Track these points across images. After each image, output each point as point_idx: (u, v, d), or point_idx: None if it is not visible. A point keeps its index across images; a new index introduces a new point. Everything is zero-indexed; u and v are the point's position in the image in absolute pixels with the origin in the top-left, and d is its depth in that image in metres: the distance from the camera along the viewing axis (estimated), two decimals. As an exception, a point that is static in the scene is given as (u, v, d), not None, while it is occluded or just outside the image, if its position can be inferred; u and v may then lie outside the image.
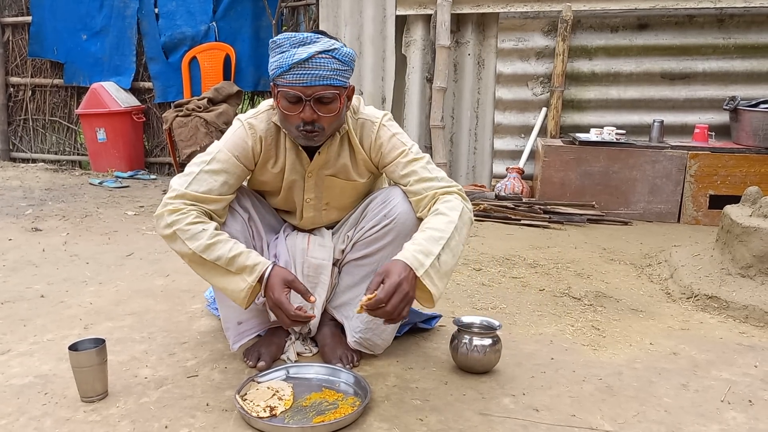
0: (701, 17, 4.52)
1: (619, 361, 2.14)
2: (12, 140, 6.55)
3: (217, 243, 1.79)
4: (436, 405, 1.81)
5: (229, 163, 1.89)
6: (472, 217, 1.89)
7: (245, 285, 1.79)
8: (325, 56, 1.71)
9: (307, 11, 5.80)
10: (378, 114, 1.97)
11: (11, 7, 6.28)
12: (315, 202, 2.04)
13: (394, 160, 1.93)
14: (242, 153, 1.91)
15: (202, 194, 1.84)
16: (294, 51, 1.71)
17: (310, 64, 1.70)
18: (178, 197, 1.83)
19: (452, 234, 1.77)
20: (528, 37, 4.79)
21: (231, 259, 1.78)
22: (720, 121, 4.53)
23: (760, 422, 1.76)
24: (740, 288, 2.62)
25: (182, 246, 1.79)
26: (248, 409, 1.70)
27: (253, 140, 1.91)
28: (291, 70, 1.71)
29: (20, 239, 3.63)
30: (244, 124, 1.92)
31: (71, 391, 1.84)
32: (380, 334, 2.05)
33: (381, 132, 1.94)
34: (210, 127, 5.33)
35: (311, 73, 1.71)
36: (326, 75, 1.72)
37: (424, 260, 1.69)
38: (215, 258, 1.78)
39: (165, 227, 1.81)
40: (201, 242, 1.78)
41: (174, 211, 1.81)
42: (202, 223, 1.81)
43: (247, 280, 1.79)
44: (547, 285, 2.91)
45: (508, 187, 4.59)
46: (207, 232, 1.79)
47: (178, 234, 1.78)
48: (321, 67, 1.71)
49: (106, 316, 2.48)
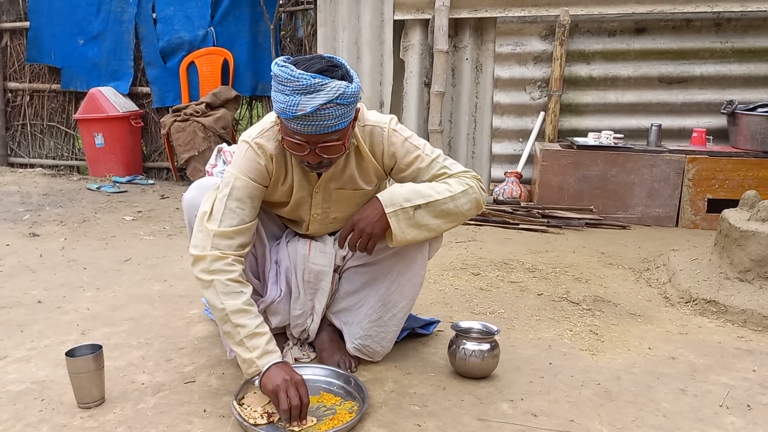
0: (698, 21, 4.53)
1: (618, 365, 2.13)
2: (10, 145, 6.55)
3: (248, 313, 1.78)
4: (434, 410, 1.81)
5: (249, 188, 1.84)
6: (479, 199, 1.89)
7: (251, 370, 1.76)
8: (330, 106, 1.62)
9: (305, 16, 5.81)
10: (385, 119, 1.92)
11: (9, 12, 6.28)
12: (322, 216, 2.01)
13: (412, 165, 1.90)
14: (258, 175, 1.85)
15: (237, 227, 1.81)
16: (297, 100, 1.61)
17: (315, 116, 1.62)
18: (218, 236, 1.79)
19: (444, 200, 1.82)
20: (526, 42, 4.80)
21: (251, 335, 1.76)
22: (718, 125, 4.54)
23: (758, 427, 1.75)
24: (738, 292, 2.62)
25: (215, 298, 1.77)
26: (245, 415, 1.70)
27: (265, 159, 1.85)
28: (294, 119, 1.64)
29: (18, 244, 3.62)
30: (252, 144, 1.85)
31: (68, 397, 1.84)
32: (380, 341, 2.05)
33: (393, 138, 1.89)
34: (208, 131, 5.34)
35: (315, 125, 1.64)
36: (330, 124, 1.65)
37: (401, 202, 1.79)
38: (240, 324, 1.76)
39: (205, 272, 1.78)
40: (236, 303, 1.76)
41: (219, 259, 1.78)
42: (241, 284, 1.80)
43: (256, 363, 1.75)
44: (545, 289, 2.90)
45: (507, 191, 4.59)
46: (244, 296, 1.78)
47: (216, 285, 1.76)
48: (326, 117, 1.63)
49: (104, 321, 2.48)
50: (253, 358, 1.74)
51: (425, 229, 1.83)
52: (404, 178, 1.93)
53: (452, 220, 1.86)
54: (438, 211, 1.82)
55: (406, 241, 1.82)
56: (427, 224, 1.82)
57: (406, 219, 1.79)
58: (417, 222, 1.81)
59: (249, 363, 1.75)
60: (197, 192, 1.95)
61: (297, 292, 2.07)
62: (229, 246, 1.80)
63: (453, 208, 1.84)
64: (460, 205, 1.84)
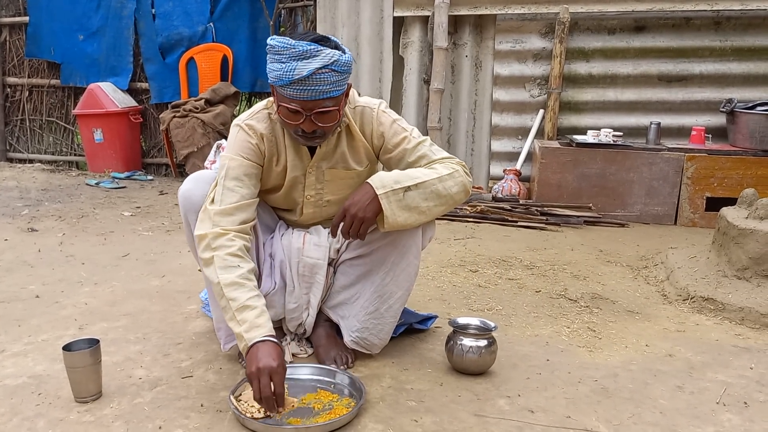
0: (698, 20, 4.52)
1: (615, 362, 2.14)
2: (9, 140, 6.54)
3: (242, 286, 1.75)
4: (431, 406, 1.81)
5: (243, 166, 1.89)
6: (465, 183, 1.91)
7: (242, 345, 1.72)
8: (325, 71, 1.70)
9: (304, 12, 5.80)
10: (375, 101, 2.00)
11: (8, 7, 6.27)
12: (315, 198, 2.04)
13: (399, 146, 1.95)
14: (251, 153, 1.91)
15: (236, 203, 1.84)
16: (294, 65, 1.69)
17: (311, 80, 1.70)
18: (218, 214, 1.82)
19: (432, 181, 1.84)
20: (525, 39, 4.79)
21: (241, 308, 1.73)
22: (717, 124, 4.54)
23: (755, 424, 1.76)
24: (736, 290, 2.62)
25: (212, 273, 1.77)
26: (242, 409, 1.70)
27: (256, 139, 1.92)
28: (291, 85, 1.71)
29: (16, 239, 3.62)
30: (243, 126, 1.93)
31: (65, 392, 1.84)
32: (377, 333, 2.05)
33: (382, 118, 1.96)
34: (207, 127, 5.33)
35: (311, 89, 1.71)
36: (325, 89, 1.72)
37: (391, 185, 1.80)
38: (232, 297, 1.74)
39: (207, 250, 1.79)
40: (230, 276, 1.75)
41: (220, 235, 1.80)
42: (240, 259, 1.79)
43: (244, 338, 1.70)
44: (543, 287, 2.91)
45: (505, 188, 4.60)
46: (240, 269, 1.77)
47: (215, 260, 1.77)
48: (321, 82, 1.71)
49: (101, 316, 2.48)
50: (242, 332, 1.70)
51: (416, 212, 1.84)
52: (391, 159, 1.98)
53: (442, 203, 1.88)
54: (427, 193, 1.84)
55: (397, 224, 1.83)
56: (417, 206, 1.84)
57: (396, 201, 1.81)
58: (407, 204, 1.82)
59: (239, 338, 1.72)
60: (193, 185, 1.96)
61: (292, 285, 2.07)
62: (231, 222, 1.83)
63: (442, 189, 1.86)
64: (448, 187, 1.87)
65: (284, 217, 2.16)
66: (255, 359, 1.64)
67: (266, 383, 1.61)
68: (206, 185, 1.93)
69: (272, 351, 1.66)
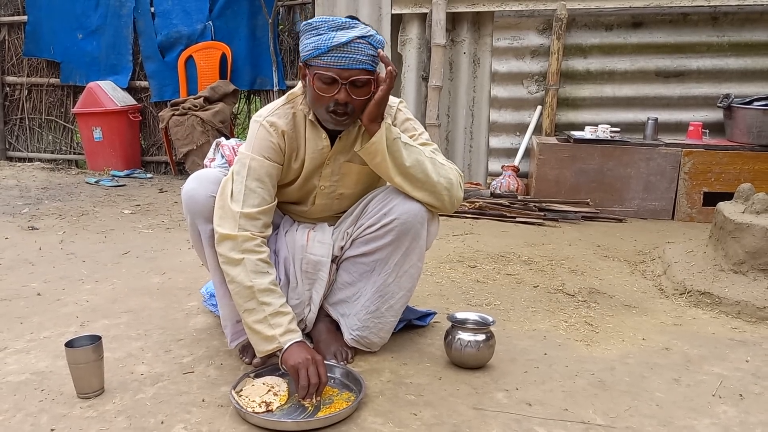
0: (695, 15, 4.54)
1: (612, 356, 2.16)
2: (8, 139, 6.55)
3: (274, 292, 1.85)
4: (430, 400, 1.83)
5: (265, 167, 1.91)
6: (453, 186, 1.94)
7: (271, 347, 1.82)
8: (363, 41, 1.76)
9: (303, 10, 5.81)
10: (395, 99, 2.04)
11: (7, 6, 6.27)
12: (329, 190, 2.07)
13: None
14: (272, 153, 1.93)
15: (260, 208, 1.88)
16: (333, 34, 1.75)
17: (349, 48, 1.75)
18: (243, 217, 1.85)
19: (426, 160, 1.90)
20: (523, 36, 4.81)
21: (275, 313, 1.83)
22: (714, 119, 4.55)
23: (750, 416, 1.78)
24: (733, 284, 2.64)
25: (244, 275, 1.82)
26: (244, 404, 1.72)
27: (277, 137, 1.93)
28: (329, 52, 1.75)
29: (17, 238, 3.63)
30: (264, 123, 1.93)
31: (68, 388, 1.85)
32: (377, 332, 2.07)
33: (398, 115, 2.02)
34: (206, 125, 5.35)
35: (349, 57, 1.76)
36: (362, 60, 1.77)
37: (398, 132, 1.88)
38: (266, 302, 1.82)
39: (235, 251, 1.83)
40: (263, 282, 1.83)
41: (249, 239, 1.84)
42: (269, 266, 1.88)
43: (278, 340, 1.81)
44: (541, 282, 2.92)
45: (504, 184, 4.61)
46: (270, 276, 1.86)
47: (247, 264, 1.82)
48: (358, 51, 1.76)
49: (103, 313, 2.49)
50: (276, 335, 1.80)
51: (395, 160, 1.87)
52: None
53: (423, 180, 1.90)
54: (417, 161, 1.89)
55: (374, 150, 1.85)
56: (402, 162, 1.87)
57: (390, 137, 1.85)
58: (396, 149, 1.86)
59: (270, 340, 1.81)
60: (197, 184, 1.97)
61: (295, 281, 2.09)
62: (255, 227, 1.87)
63: (430, 170, 1.90)
64: (437, 173, 1.91)
65: (293, 209, 2.17)
66: (297, 354, 1.78)
67: (314, 372, 1.75)
68: (210, 185, 1.94)
69: (309, 349, 1.83)
